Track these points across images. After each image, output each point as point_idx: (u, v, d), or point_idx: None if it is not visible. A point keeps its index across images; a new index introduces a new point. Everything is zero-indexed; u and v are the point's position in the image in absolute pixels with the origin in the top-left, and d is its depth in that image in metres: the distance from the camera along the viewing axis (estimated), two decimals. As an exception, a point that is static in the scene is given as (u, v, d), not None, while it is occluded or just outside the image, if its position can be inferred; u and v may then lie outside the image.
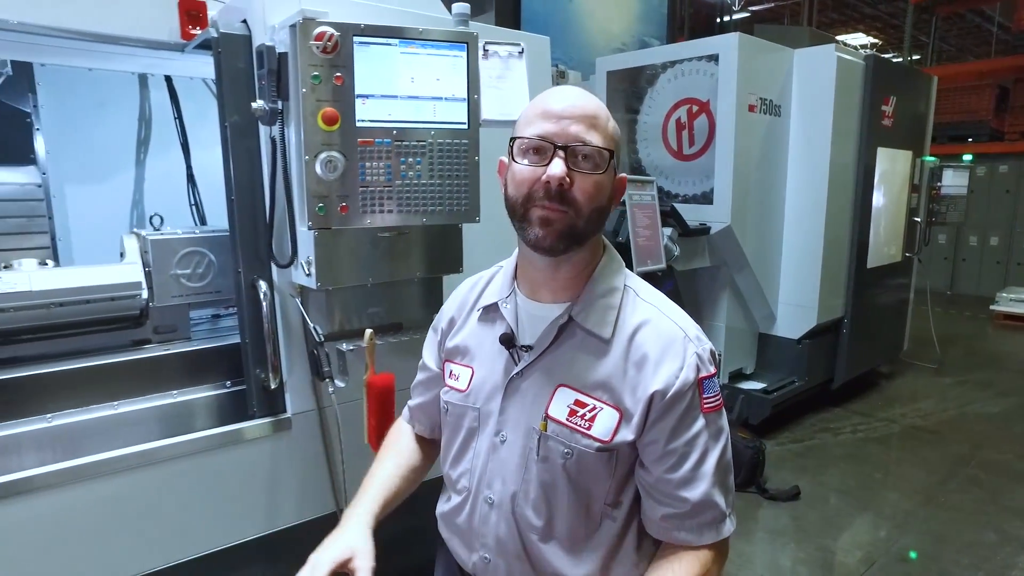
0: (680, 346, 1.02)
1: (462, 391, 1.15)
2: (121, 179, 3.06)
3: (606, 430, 1.01)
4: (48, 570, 1.66)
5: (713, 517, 1.02)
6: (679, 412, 1.00)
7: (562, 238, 1.00)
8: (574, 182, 0.98)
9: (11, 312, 1.75)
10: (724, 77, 3.66)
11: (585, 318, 1.04)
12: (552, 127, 0.99)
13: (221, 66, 1.76)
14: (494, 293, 1.16)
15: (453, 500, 1.18)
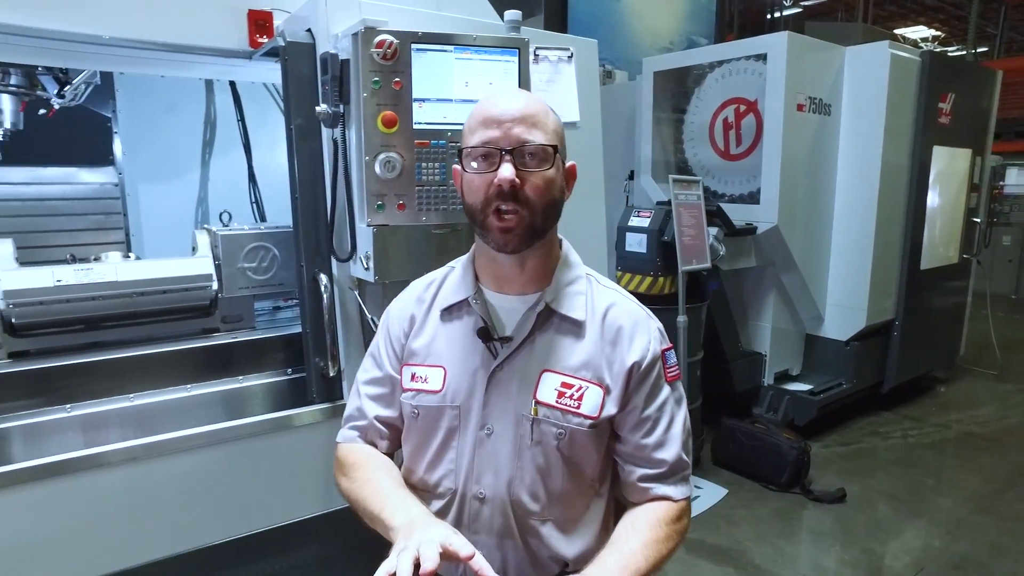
0: (645, 323, 1.15)
1: (436, 391, 1.13)
2: (188, 178, 3.25)
3: (594, 407, 1.09)
4: (126, 537, 1.80)
5: (684, 474, 1.15)
6: (651, 381, 1.12)
7: (524, 239, 1.06)
8: (525, 181, 1.04)
9: (100, 300, 1.91)
10: (772, 76, 3.63)
11: (559, 304, 1.12)
12: (495, 133, 1.05)
13: (287, 72, 1.88)
14: (454, 292, 1.18)
15: (433, 506, 1.15)
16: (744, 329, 4.24)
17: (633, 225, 3.60)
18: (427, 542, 0.91)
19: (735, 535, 3.06)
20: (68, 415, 1.83)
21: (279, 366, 2.09)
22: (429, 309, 1.20)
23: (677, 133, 4.51)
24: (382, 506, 1.08)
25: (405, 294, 1.27)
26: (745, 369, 4.13)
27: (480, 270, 1.17)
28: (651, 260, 3.51)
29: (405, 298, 1.26)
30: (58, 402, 1.83)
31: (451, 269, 1.24)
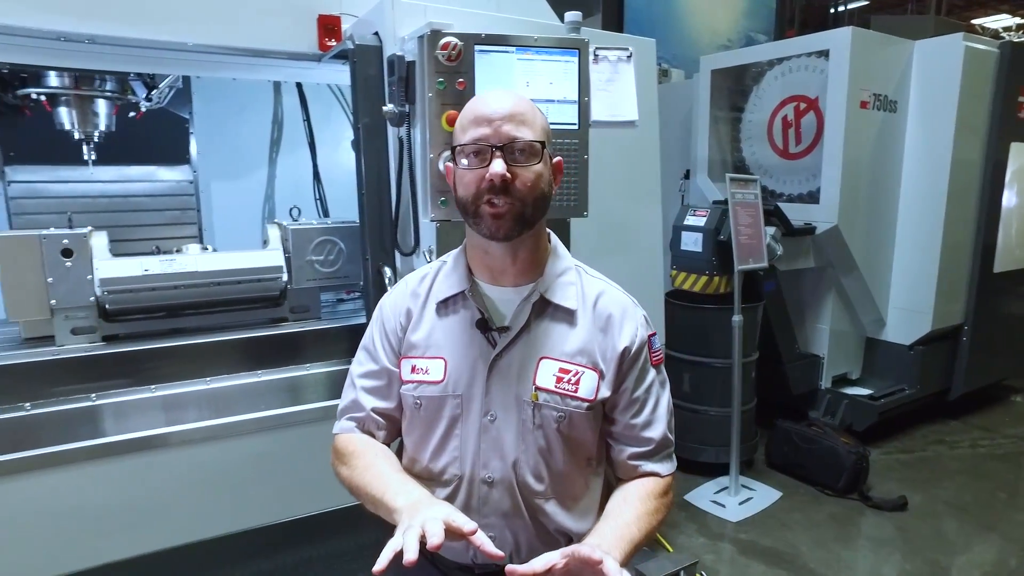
0: (632, 310, 1.22)
1: (438, 382, 1.16)
2: (256, 175, 3.41)
3: (590, 390, 1.15)
4: (199, 511, 1.92)
5: (669, 451, 1.24)
6: (639, 364, 1.19)
7: (515, 225, 1.10)
8: (516, 176, 1.09)
9: (181, 289, 2.05)
10: (835, 73, 3.54)
11: (552, 294, 1.17)
12: (486, 130, 1.10)
13: (356, 74, 1.97)
14: (449, 286, 1.21)
15: (439, 494, 1.18)
16: (801, 331, 4.15)
17: (689, 224, 3.58)
18: (431, 519, 0.93)
19: (789, 539, 3.01)
20: (152, 395, 1.96)
21: (343, 355, 2.19)
22: (425, 302, 1.23)
23: (734, 132, 4.44)
24: (384, 490, 1.10)
25: (398, 288, 1.30)
26: (801, 371, 4.04)
27: (473, 263, 1.21)
28: (707, 259, 3.48)
29: (399, 292, 1.28)
30: (144, 383, 1.96)
31: (443, 263, 1.27)
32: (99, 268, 1.96)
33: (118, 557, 1.82)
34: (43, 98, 2.25)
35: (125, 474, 1.82)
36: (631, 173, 2.45)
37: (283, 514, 2.04)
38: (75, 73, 2.22)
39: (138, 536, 1.84)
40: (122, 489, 1.81)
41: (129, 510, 1.82)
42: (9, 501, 1.68)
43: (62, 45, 1.94)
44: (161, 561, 1.88)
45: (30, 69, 2.17)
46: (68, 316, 1.97)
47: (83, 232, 1.98)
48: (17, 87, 2.23)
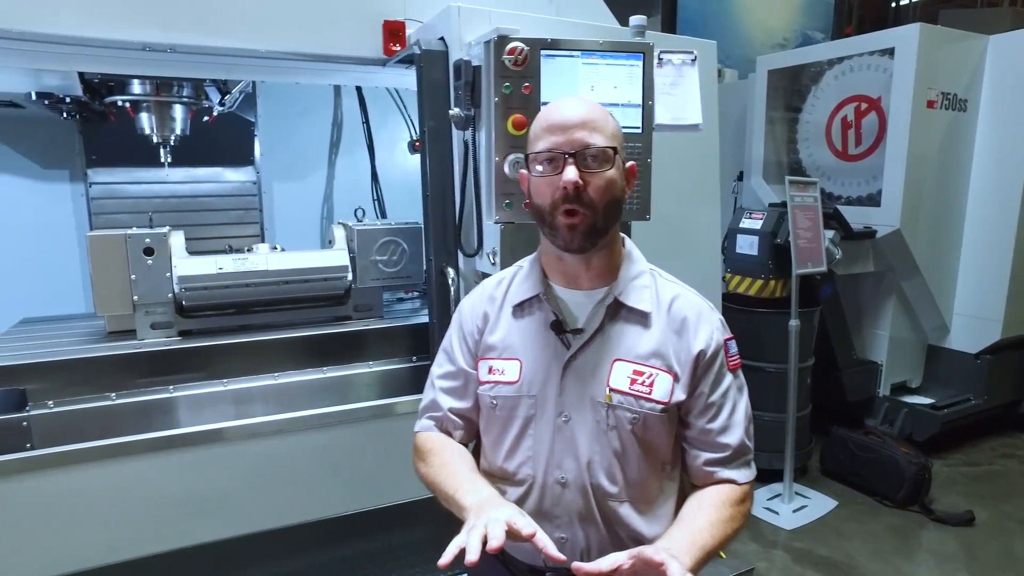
0: (708, 314, 1.20)
1: (513, 382, 1.19)
2: (315, 177, 3.51)
3: (664, 392, 1.14)
4: (267, 502, 1.99)
5: (747, 458, 1.20)
6: (716, 368, 1.17)
7: (588, 237, 1.12)
8: (588, 183, 1.10)
9: (252, 287, 2.13)
10: (900, 72, 3.44)
11: (627, 297, 1.18)
12: (559, 138, 1.11)
13: (422, 78, 2.01)
14: (525, 290, 1.23)
15: (512, 494, 1.20)
16: (859, 337, 4.04)
17: (744, 227, 3.53)
18: (494, 520, 0.95)
19: (846, 548, 2.95)
20: (224, 389, 2.05)
21: (405, 353, 2.24)
22: (501, 306, 1.26)
23: (791, 133, 4.35)
24: (456, 488, 1.14)
25: (476, 292, 1.33)
26: (858, 378, 3.94)
27: (547, 268, 1.23)
28: (763, 262, 3.43)
29: (476, 296, 1.32)
30: (216, 377, 2.05)
31: (519, 268, 1.30)
32: (177, 266, 2.06)
33: (189, 543, 1.91)
34: (127, 104, 2.36)
35: (199, 464, 1.90)
36: (691, 176, 2.44)
37: (344, 507, 2.09)
38: (156, 80, 2.33)
39: (207, 524, 1.92)
40: (196, 478, 1.90)
41: (201, 499, 1.90)
42: (96, 485, 1.78)
43: (146, 55, 2.05)
44: (227, 549, 1.95)
45: (116, 78, 2.29)
46: (148, 312, 2.07)
47: (163, 231, 2.07)
48: (104, 95, 2.35)
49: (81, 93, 2.21)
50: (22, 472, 1.71)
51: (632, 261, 1.23)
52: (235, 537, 1.96)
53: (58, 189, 2.96)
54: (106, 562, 1.81)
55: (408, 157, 3.41)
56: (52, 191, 2.95)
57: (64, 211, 2.98)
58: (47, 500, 1.74)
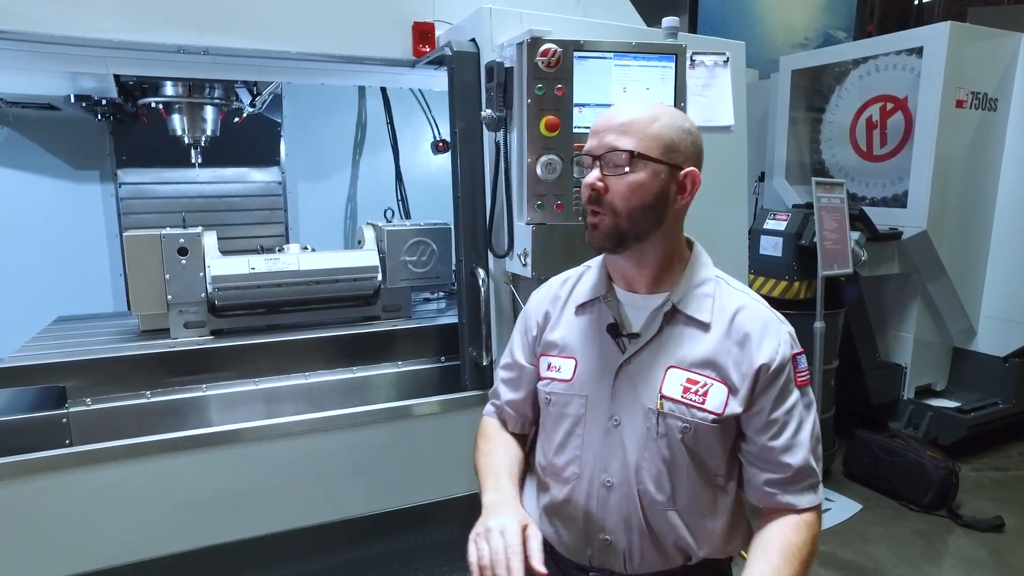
0: (776, 326, 1.15)
1: (567, 380, 1.22)
2: (339, 177, 3.53)
3: (718, 403, 1.11)
4: (298, 500, 2.01)
5: (811, 482, 1.14)
6: (780, 384, 1.12)
7: (607, 238, 1.12)
8: (609, 187, 1.10)
9: (284, 287, 2.15)
10: (928, 71, 3.40)
11: (686, 305, 1.15)
12: (594, 142, 1.13)
13: (453, 80, 2.02)
14: (588, 290, 1.25)
15: (559, 491, 1.22)
16: (883, 339, 4.01)
17: (768, 228, 3.51)
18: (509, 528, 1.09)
19: (871, 553, 2.92)
20: (255, 388, 2.06)
21: (433, 354, 2.24)
22: (564, 305, 1.29)
23: (814, 133, 4.32)
24: (485, 479, 1.26)
25: (542, 291, 1.37)
26: (882, 381, 3.91)
27: (611, 270, 1.24)
28: (787, 264, 3.41)
29: (542, 295, 1.36)
30: (248, 376, 2.07)
31: (587, 268, 1.32)
32: (211, 266, 2.08)
33: (221, 540, 1.92)
34: (160, 106, 2.39)
35: (232, 462, 1.92)
36: (719, 177, 2.42)
37: (372, 507, 2.10)
38: (189, 82, 2.36)
39: (239, 522, 1.93)
40: (229, 476, 1.92)
41: (233, 496, 1.92)
42: (132, 482, 1.81)
43: (180, 57, 2.07)
44: (258, 547, 1.97)
45: (150, 80, 2.32)
46: (182, 311, 2.09)
47: (196, 231, 2.10)
48: (138, 97, 2.38)
49: (116, 95, 2.23)
50: (62, 468, 1.74)
51: (697, 268, 1.20)
52: (266, 535, 1.97)
53: (89, 189, 3.00)
54: (140, 558, 1.83)
55: (431, 158, 3.42)
56: (83, 191, 2.99)
57: (94, 211, 3.02)
58: (85, 496, 1.77)
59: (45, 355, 1.90)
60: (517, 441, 1.39)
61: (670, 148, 1.11)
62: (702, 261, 1.21)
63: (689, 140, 1.14)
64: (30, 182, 2.88)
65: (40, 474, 1.72)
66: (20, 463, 1.69)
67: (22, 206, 2.88)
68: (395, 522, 2.14)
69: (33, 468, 1.71)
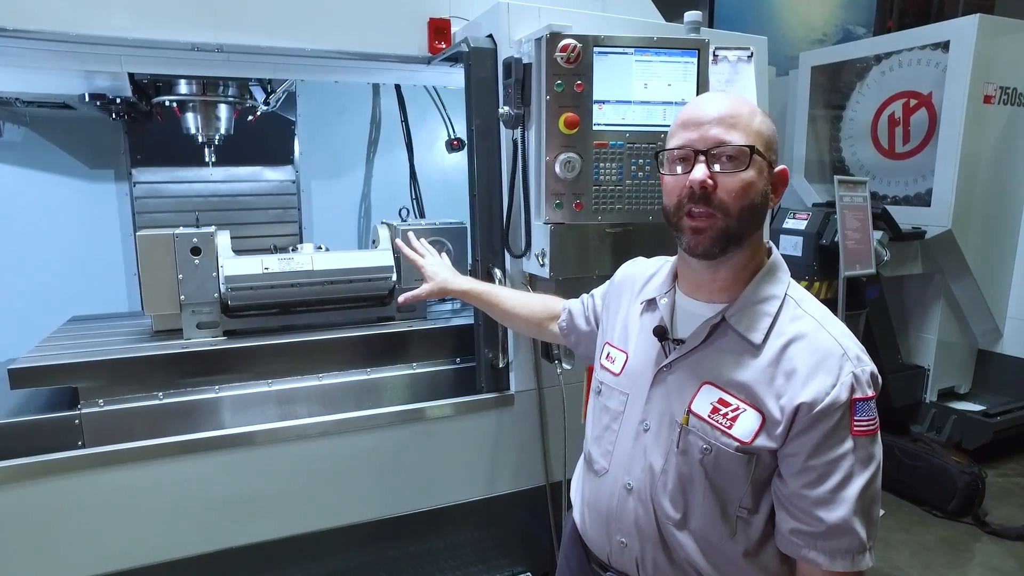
0: (836, 363, 0.99)
1: (616, 374, 1.20)
2: (353, 176, 3.51)
3: (747, 432, 1.02)
4: (313, 503, 1.98)
5: (849, 545, 0.98)
6: (825, 429, 0.98)
7: (716, 242, 1.03)
8: (718, 184, 1.01)
9: (297, 287, 2.12)
10: (955, 66, 3.32)
11: (738, 321, 1.05)
12: (692, 135, 1.04)
13: (470, 76, 1.98)
14: (654, 288, 1.22)
15: (591, 481, 1.23)
16: (904, 340, 3.93)
17: (788, 227, 3.45)
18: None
19: (894, 559, 2.86)
20: (269, 389, 2.04)
21: (448, 355, 2.21)
22: (638, 294, 1.26)
23: (833, 131, 4.25)
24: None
25: (635, 266, 1.35)
26: (904, 383, 3.82)
27: (679, 271, 1.18)
28: (807, 264, 3.34)
29: (634, 271, 1.34)
30: (261, 377, 2.04)
31: (666, 263, 1.26)
32: (224, 266, 2.06)
33: (233, 544, 1.90)
34: (174, 104, 2.37)
35: (245, 464, 1.90)
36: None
37: (385, 511, 2.07)
38: (203, 80, 2.34)
39: (251, 525, 1.91)
40: (241, 479, 1.89)
41: (245, 499, 1.90)
42: (144, 484, 1.79)
43: (195, 55, 2.05)
44: (270, 551, 1.95)
45: (164, 78, 2.30)
46: (195, 311, 2.07)
47: (209, 231, 2.07)
48: (152, 95, 2.36)
49: (131, 94, 2.22)
50: (74, 470, 1.72)
51: (767, 281, 1.08)
52: (279, 539, 1.95)
53: (104, 189, 3.00)
54: (152, 561, 1.82)
55: (446, 156, 3.39)
56: (98, 191, 2.99)
57: (109, 210, 3.02)
58: (97, 498, 1.75)
59: (58, 356, 1.88)
60: (546, 323, 1.58)
61: (770, 145, 1.05)
62: (775, 275, 1.09)
63: (776, 138, 1.08)
64: (46, 181, 2.89)
65: (52, 476, 1.70)
66: (32, 465, 1.68)
67: (38, 205, 2.88)
68: (409, 526, 2.11)
69: (45, 470, 1.69)
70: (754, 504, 1.06)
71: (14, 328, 2.67)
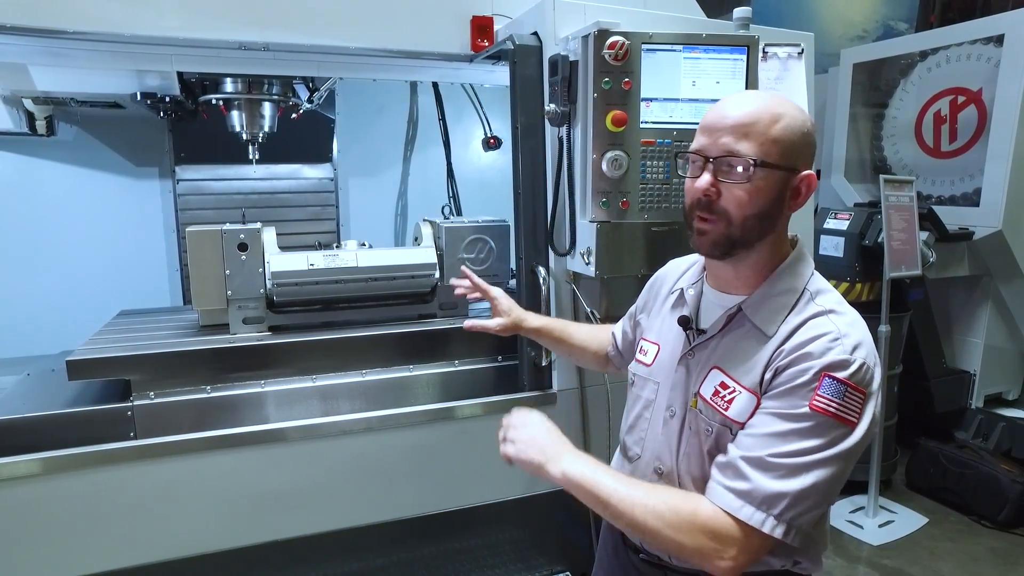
0: (825, 342, 0.98)
1: (648, 365, 1.24)
2: (390, 173, 3.53)
3: (741, 412, 1.04)
4: (355, 499, 2.00)
5: (737, 488, 0.98)
6: (785, 387, 0.98)
7: (716, 246, 1.06)
8: (722, 193, 1.03)
9: (341, 283, 2.14)
10: (1009, 60, 3.21)
11: (754, 312, 1.08)
12: (706, 140, 1.05)
13: (515, 74, 1.97)
14: (684, 281, 1.26)
15: (626, 468, 1.26)
16: (949, 344, 3.82)
17: (829, 228, 3.38)
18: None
19: (941, 570, 2.78)
20: (312, 385, 2.06)
21: (490, 353, 2.21)
22: (671, 289, 1.29)
23: (875, 129, 4.15)
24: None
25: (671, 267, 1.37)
26: (948, 388, 3.73)
27: (707, 266, 1.21)
28: (848, 265, 3.28)
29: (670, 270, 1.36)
30: (305, 373, 2.06)
31: (699, 259, 1.28)
32: (270, 262, 2.08)
33: (275, 538, 1.92)
34: (220, 103, 2.41)
35: (289, 459, 1.92)
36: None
37: (426, 507, 2.08)
38: (248, 79, 2.37)
39: (294, 520, 1.93)
40: (287, 473, 1.91)
41: (288, 494, 1.92)
42: (192, 476, 1.82)
43: (242, 54, 2.08)
44: (311, 545, 1.97)
45: (212, 77, 2.34)
46: (241, 307, 2.10)
47: (256, 227, 2.10)
48: (198, 94, 2.41)
49: (179, 92, 2.26)
50: (125, 461, 1.76)
51: (787, 274, 1.08)
52: (320, 533, 1.97)
53: (148, 186, 3.06)
54: (194, 552, 1.85)
55: (482, 155, 3.39)
56: (143, 188, 3.05)
57: (153, 207, 3.08)
58: (146, 489, 1.79)
59: (112, 349, 1.93)
60: (599, 354, 1.57)
61: (790, 152, 1.02)
62: (795, 269, 1.09)
63: (808, 141, 1.04)
64: (95, 179, 2.96)
65: (105, 466, 1.74)
66: (88, 455, 1.72)
67: (87, 202, 2.96)
68: (449, 523, 2.12)
69: (99, 460, 1.73)
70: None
71: (64, 321, 2.75)
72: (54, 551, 1.73)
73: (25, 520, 1.70)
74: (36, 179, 2.87)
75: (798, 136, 1.02)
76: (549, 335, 1.64)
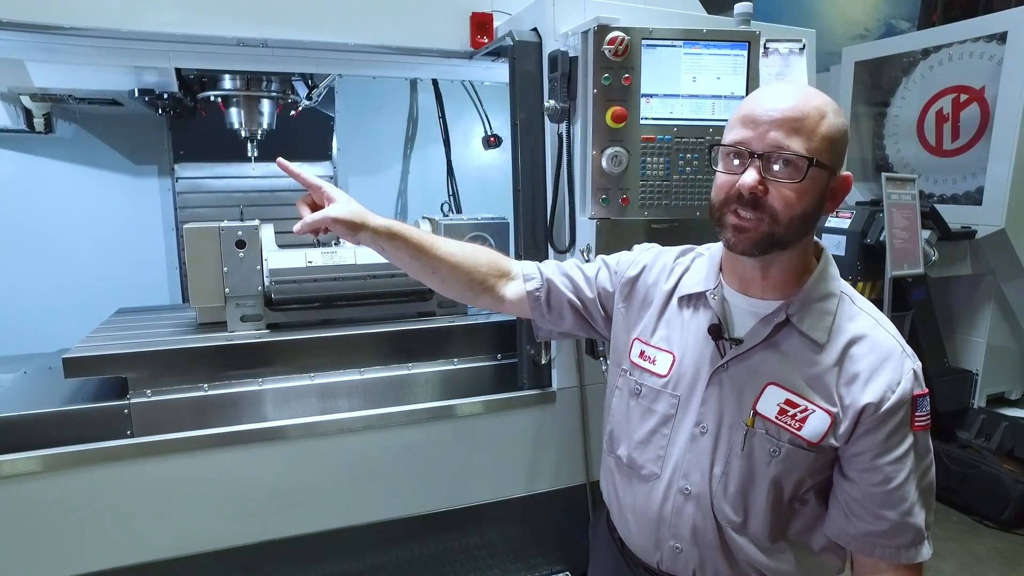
0: (898, 360, 1.00)
1: (662, 376, 1.15)
2: (390, 171, 3.52)
3: (816, 432, 1.01)
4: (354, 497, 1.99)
5: (913, 539, 1.01)
6: (891, 427, 0.99)
7: (757, 245, 0.99)
8: (769, 190, 0.96)
9: (339, 281, 2.13)
10: (1012, 58, 3.19)
11: (801, 320, 1.03)
12: (750, 133, 0.97)
13: (515, 70, 1.96)
14: (697, 282, 1.15)
15: (638, 487, 1.17)
16: (951, 343, 3.80)
17: (831, 226, 3.35)
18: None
19: (944, 570, 2.76)
20: (311, 383, 2.05)
21: (490, 351, 2.20)
22: (671, 292, 1.19)
23: (876, 127, 4.13)
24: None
25: (655, 253, 1.27)
26: (950, 388, 3.70)
27: (725, 265, 1.14)
28: (850, 264, 3.25)
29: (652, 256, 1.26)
30: (303, 371, 2.05)
31: (698, 256, 1.21)
32: (268, 259, 2.07)
33: (273, 536, 1.91)
34: (219, 100, 2.40)
35: (287, 457, 1.91)
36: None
37: (425, 506, 2.07)
38: (247, 76, 2.36)
39: (292, 518, 1.92)
40: (284, 472, 1.91)
41: (286, 492, 1.91)
42: (189, 474, 1.81)
43: (240, 50, 2.07)
44: (310, 544, 1.96)
45: (210, 73, 2.33)
46: (239, 304, 2.09)
47: (254, 224, 2.09)
48: (197, 91, 2.40)
49: (177, 89, 2.25)
50: (122, 459, 1.75)
51: (822, 279, 1.06)
52: (318, 532, 1.96)
53: (147, 184, 3.06)
54: (192, 551, 1.84)
55: (482, 153, 3.38)
56: (141, 186, 3.04)
57: (152, 205, 3.07)
58: (143, 487, 1.78)
59: (109, 346, 1.92)
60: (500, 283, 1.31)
61: (836, 151, 0.99)
62: (829, 272, 1.08)
63: (847, 140, 1.02)
64: (93, 177, 2.96)
65: (102, 464, 1.73)
66: (85, 452, 1.71)
67: (86, 200, 2.95)
68: (449, 522, 2.11)
69: (96, 458, 1.72)
70: (803, 494, 1.08)
71: (61, 318, 2.74)
72: (50, 549, 1.72)
73: (21, 518, 1.69)
74: (34, 177, 2.87)
75: (841, 134, 0.99)
76: (404, 239, 1.28)
